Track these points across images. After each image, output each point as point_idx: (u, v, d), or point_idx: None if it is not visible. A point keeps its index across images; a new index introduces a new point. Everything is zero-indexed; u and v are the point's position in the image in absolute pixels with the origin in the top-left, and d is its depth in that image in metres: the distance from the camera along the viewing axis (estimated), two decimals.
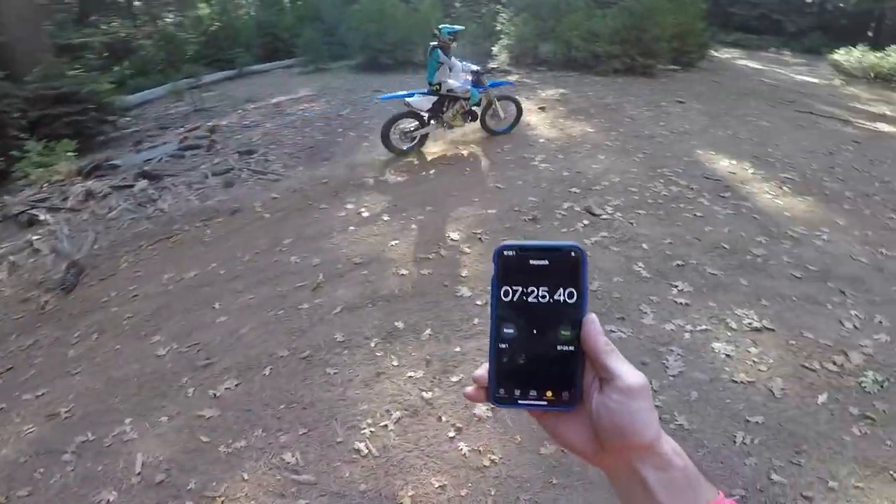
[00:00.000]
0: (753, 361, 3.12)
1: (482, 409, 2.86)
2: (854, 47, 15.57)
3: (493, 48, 13.76)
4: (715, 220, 4.87)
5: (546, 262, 0.46)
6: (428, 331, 3.50)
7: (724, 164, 6.28)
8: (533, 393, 0.46)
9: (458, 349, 3.31)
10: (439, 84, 6.16)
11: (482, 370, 0.47)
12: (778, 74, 15.02)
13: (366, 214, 5.30)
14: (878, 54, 14.96)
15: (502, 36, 13.55)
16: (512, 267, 0.46)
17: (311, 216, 5.47)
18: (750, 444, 2.62)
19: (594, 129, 7.64)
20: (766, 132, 7.85)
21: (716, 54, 16.42)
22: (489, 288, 0.46)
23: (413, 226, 4.94)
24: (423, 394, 3.03)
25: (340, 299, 3.99)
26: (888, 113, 10.72)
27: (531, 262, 0.46)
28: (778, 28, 20.86)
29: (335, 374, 3.25)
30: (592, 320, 0.45)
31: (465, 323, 3.53)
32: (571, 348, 0.45)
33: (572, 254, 0.46)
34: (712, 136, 7.45)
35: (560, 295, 0.45)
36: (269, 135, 8.56)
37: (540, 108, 8.73)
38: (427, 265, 4.22)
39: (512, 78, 11.49)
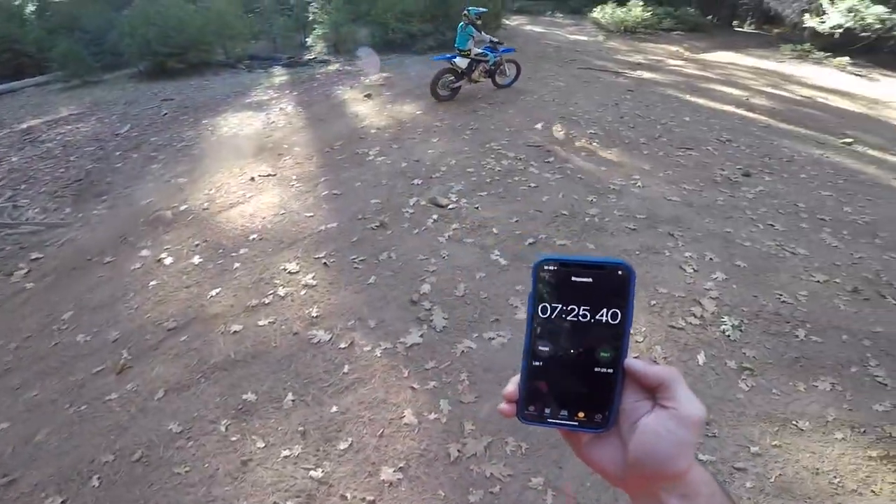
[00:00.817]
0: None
1: (390, 472, 2.29)
2: (606, 4, 17.71)
3: (307, 39, 12.47)
4: (549, 188, 4.82)
5: (590, 280, 0.42)
6: (290, 396, 2.74)
7: (539, 129, 6.38)
8: (564, 413, 0.43)
9: (334, 409, 2.63)
10: (469, 50, 7.24)
11: (512, 385, 0.45)
12: (557, 36, 16.35)
13: (170, 261, 4.06)
14: (623, 9, 17.23)
15: (316, 26, 12.32)
16: (552, 283, 0.43)
17: (95, 275, 4.07)
18: None
19: (422, 111, 7.21)
20: (564, 92, 8.28)
21: (507, 22, 17.28)
22: (386, 320, 0.34)
23: (236, 265, 3.88)
24: (312, 473, 2.33)
25: (160, 379, 2.98)
26: (642, 61, 12.33)
27: (573, 278, 0.43)
28: None
29: (188, 471, 2.39)
30: (639, 361, 0.43)
31: (334, 374, 2.83)
32: (610, 370, 0.42)
33: (619, 272, 0.42)
34: (524, 103, 7.60)
35: (603, 315, 0.42)
36: (18, 171, 6.40)
37: (366, 96, 8.00)
38: (264, 313, 3.33)
39: (333, 67, 10.53)
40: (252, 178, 5.39)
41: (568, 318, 0.43)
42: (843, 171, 5.74)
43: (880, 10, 12.75)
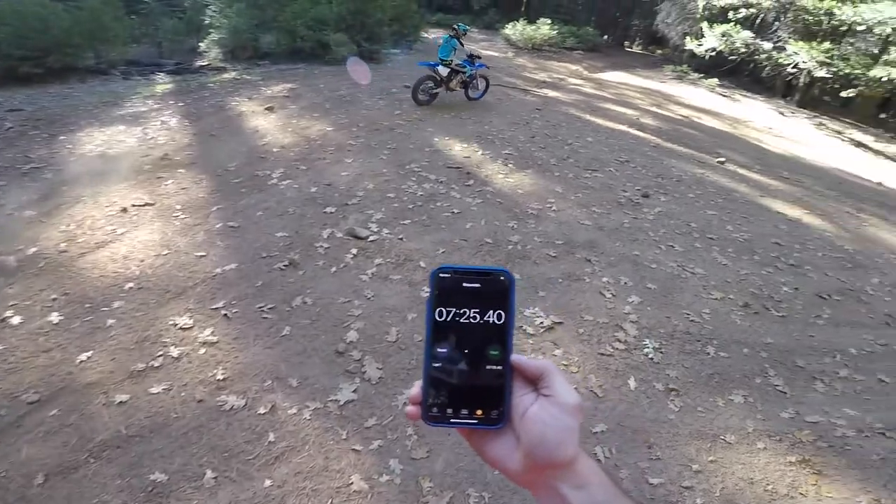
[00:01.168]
0: (564, 364, 3.04)
1: None
2: (518, 21, 18.36)
3: (200, 44, 11.33)
4: (471, 214, 4.78)
5: (478, 286, 0.46)
6: (210, 473, 2.35)
7: (458, 150, 6.34)
8: (464, 412, 0.46)
9: (268, 483, 2.30)
10: (451, 61, 7.80)
11: (416, 388, 0.46)
12: (471, 50, 16.62)
13: (18, 320, 3.19)
14: (532, 27, 17.98)
15: (211, 30, 11.22)
16: (447, 288, 0.46)
17: None
18: (611, 455, 2.50)
19: (334, 128, 6.83)
20: (478, 109, 8.38)
21: (426, 35, 17.22)
22: (310, 377, 0.55)
23: (110, 322, 3.17)
24: None
25: (35, 462, 2.44)
26: (547, 79, 12.93)
27: (464, 284, 0.46)
28: (467, 7, 23.10)
29: None
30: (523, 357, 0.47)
31: (258, 444, 2.49)
32: (500, 367, 0.46)
33: (501, 278, 0.47)
34: (441, 119, 7.54)
35: (490, 316, 0.46)
36: None
37: (267, 109, 7.37)
38: (155, 378, 2.82)
39: (229, 75, 9.69)
40: (124, 209, 4.38)
41: (461, 320, 0.46)
42: (722, 190, 6.38)
43: (747, 35, 14.52)
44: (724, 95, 15.39)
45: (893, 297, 4.58)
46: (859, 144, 12.92)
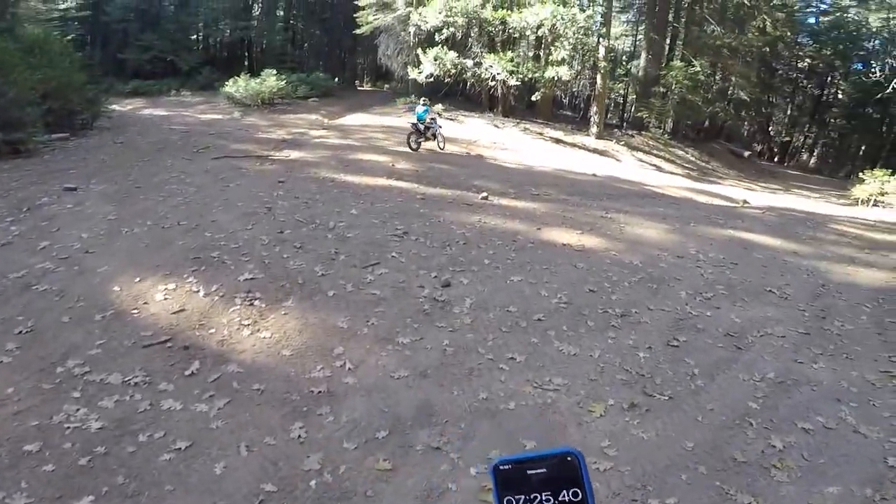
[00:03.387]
0: None
1: None
2: (238, 77, 15.09)
3: None
4: (211, 441, 2.29)
5: (544, 470, 0.42)
6: None
7: (160, 299, 3.57)
8: None
9: None
10: (425, 121, 9.96)
11: None
12: (186, 118, 12.75)
13: None
14: (257, 80, 15.03)
15: None
16: (510, 479, 0.42)
17: None
18: None
19: None
20: (195, 205, 5.53)
21: (117, 108, 12.44)
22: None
23: None
24: None
25: None
26: (286, 136, 10.55)
27: (528, 471, 0.42)
28: (173, 69, 18.01)
29: None
30: None
31: None
32: None
33: (568, 458, 0.42)
34: (128, 241, 4.49)
35: (564, 496, 0.41)
36: None
37: None
38: None
39: None
40: None
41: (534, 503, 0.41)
42: (506, 239, 5.29)
43: (453, 55, 14.60)
44: (451, 119, 15.56)
45: (706, 307, 4.04)
46: (557, 141, 14.54)
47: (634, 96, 20.16)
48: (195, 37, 20.79)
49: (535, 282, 4.34)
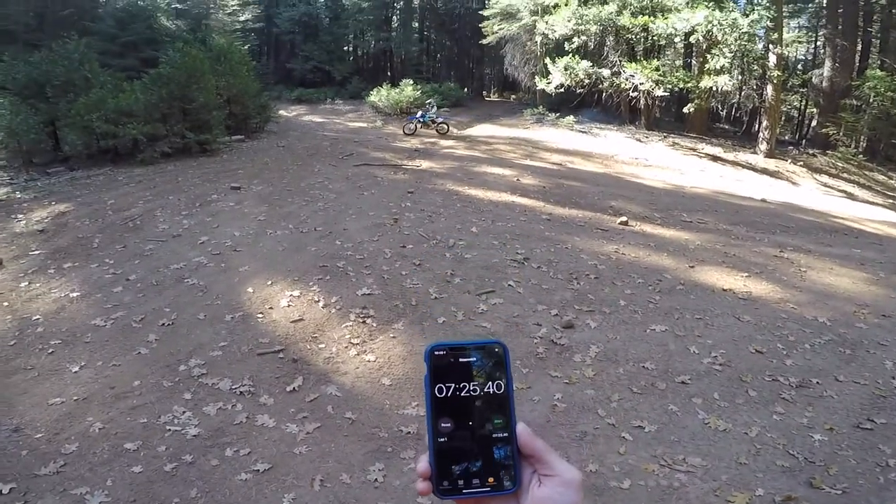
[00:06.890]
0: None
1: None
2: (381, 87, 16.30)
3: None
4: (294, 466, 2.16)
5: (474, 359, 0.42)
6: None
7: (284, 304, 3.67)
8: (476, 481, 0.41)
9: None
10: (430, 117, 12.22)
11: (423, 462, 0.41)
12: (336, 125, 14.12)
13: None
14: (396, 90, 16.02)
15: None
16: (443, 365, 0.42)
17: None
18: None
19: (83, 290, 3.83)
20: (332, 211, 5.81)
21: (284, 113, 14.42)
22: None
23: None
24: None
25: None
26: (419, 146, 10.87)
27: (460, 359, 0.42)
28: (329, 78, 19.62)
29: None
30: (524, 427, 0.41)
31: None
32: (506, 434, 0.42)
33: (496, 349, 0.43)
34: (271, 243, 4.82)
35: (489, 387, 0.42)
36: None
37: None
38: None
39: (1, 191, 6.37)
40: None
41: (461, 394, 0.42)
42: (650, 277, 4.39)
43: (586, 64, 13.55)
44: (584, 132, 14.47)
45: None
46: (715, 158, 12.43)
47: (815, 110, 16.38)
48: (346, 48, 22.28)
49: (684, 334, 3.45)
